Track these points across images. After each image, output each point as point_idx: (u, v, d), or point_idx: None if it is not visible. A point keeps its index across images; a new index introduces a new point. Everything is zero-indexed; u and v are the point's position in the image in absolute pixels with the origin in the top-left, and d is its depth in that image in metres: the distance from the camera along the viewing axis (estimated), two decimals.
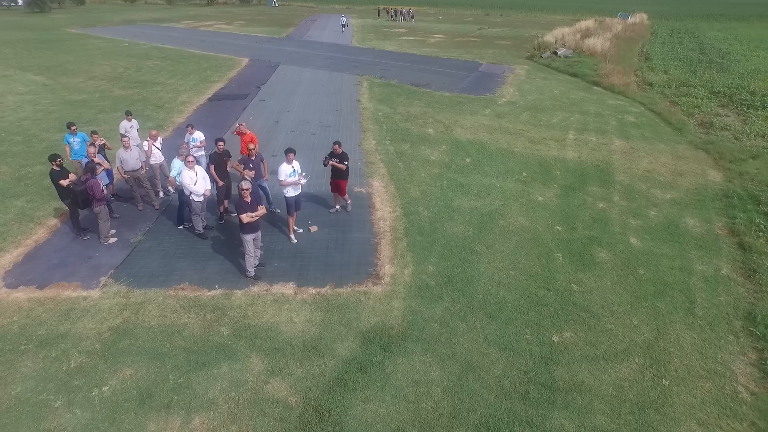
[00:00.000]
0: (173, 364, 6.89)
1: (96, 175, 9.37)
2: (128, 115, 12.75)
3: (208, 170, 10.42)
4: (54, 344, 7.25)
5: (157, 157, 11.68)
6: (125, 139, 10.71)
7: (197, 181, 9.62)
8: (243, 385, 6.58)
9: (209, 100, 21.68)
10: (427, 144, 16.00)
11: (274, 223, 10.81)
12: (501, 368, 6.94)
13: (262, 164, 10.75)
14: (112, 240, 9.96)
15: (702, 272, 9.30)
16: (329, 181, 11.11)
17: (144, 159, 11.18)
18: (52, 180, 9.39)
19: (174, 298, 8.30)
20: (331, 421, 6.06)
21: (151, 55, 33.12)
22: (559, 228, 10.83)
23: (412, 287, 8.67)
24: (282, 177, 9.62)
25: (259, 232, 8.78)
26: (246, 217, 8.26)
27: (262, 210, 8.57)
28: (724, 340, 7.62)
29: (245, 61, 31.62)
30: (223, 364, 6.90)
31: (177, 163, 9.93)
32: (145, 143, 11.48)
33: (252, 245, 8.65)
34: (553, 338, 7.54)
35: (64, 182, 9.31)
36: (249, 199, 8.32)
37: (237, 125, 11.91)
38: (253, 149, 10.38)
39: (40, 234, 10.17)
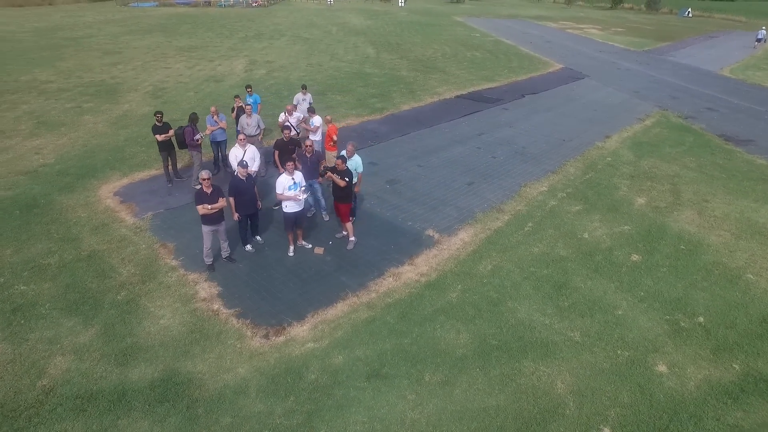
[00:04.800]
0: (73, 299, 7.87)
1: (196, 124, 11.08)
2: (303, 89, 14.18)
3: (272, 156, 10.66)
4: (67, 242, 9.39)
5: None
6: (248, 107, 12.05)
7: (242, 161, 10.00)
8: (55, 342, 6.94)
9: (457, 96, 21.27)
10: (609, 215, 11.26)
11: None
12: None
13: (319, 164, 10.18)
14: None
15: None
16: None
17: (263, 127, 12.34)
18: (153, 133, 11.43)
19: (151, 251, 9.22)
20: (25, 416, 5.77)
21: (482, 47, 34.47)
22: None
23: (290, 362, 6.78)
24: (279, 190, 8.79)
25: (221, 225, 8.58)
26: (202, 209, 8.20)
27: (222, 202, 8.34)
28: None
29: (557, 67, 28.92)
30: (75, 318, 7.41)
31: None
32: (282, 115, 12.58)
33: (209, 236, 8.53)
34: None
35: (159, 137, 11.29)
36: (209, 191, 8.20)
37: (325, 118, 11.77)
38: (309, 146, 9.99)
39: None
